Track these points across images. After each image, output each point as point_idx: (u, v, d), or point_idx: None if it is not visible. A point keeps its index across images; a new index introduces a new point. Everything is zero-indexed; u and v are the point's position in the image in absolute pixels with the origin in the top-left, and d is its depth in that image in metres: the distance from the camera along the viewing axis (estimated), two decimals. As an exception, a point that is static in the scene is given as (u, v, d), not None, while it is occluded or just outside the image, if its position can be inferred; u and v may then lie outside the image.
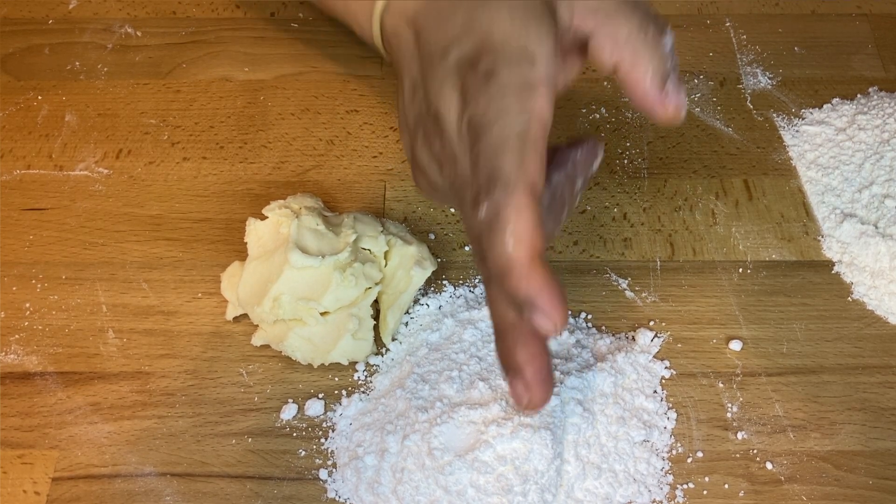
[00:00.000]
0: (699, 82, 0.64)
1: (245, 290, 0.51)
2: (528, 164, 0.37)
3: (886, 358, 0.52)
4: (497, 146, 0.37)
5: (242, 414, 0.50)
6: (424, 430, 0.46)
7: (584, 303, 0.54)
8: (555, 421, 0.46)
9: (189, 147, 0.61)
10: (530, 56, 0.38)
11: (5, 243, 0.56)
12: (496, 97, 0.37)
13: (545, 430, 0.45)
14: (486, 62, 0.38)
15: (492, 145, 0.37)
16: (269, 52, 0.66)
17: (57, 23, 0.68)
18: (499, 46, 0.38)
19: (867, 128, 0.59)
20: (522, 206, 0.36)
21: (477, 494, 0.44)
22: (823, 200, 0.58)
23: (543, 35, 0.39)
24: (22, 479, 0.48)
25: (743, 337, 0.52)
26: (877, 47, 0.66)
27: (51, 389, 0.51)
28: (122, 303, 0.54)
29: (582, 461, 0.46)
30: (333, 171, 0.60)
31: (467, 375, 0.48)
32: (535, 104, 0.38)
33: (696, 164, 0.60)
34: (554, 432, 0.45)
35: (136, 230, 0.57)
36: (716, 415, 0.50)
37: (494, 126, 0.37)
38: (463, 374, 0.48)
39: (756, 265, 0.55)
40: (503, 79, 0.38)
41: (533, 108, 0.38)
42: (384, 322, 0.51)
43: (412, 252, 0.52)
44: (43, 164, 0.60)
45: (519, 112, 0.37)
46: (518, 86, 0.38)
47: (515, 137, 0.37)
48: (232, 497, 0.47)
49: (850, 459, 0.48)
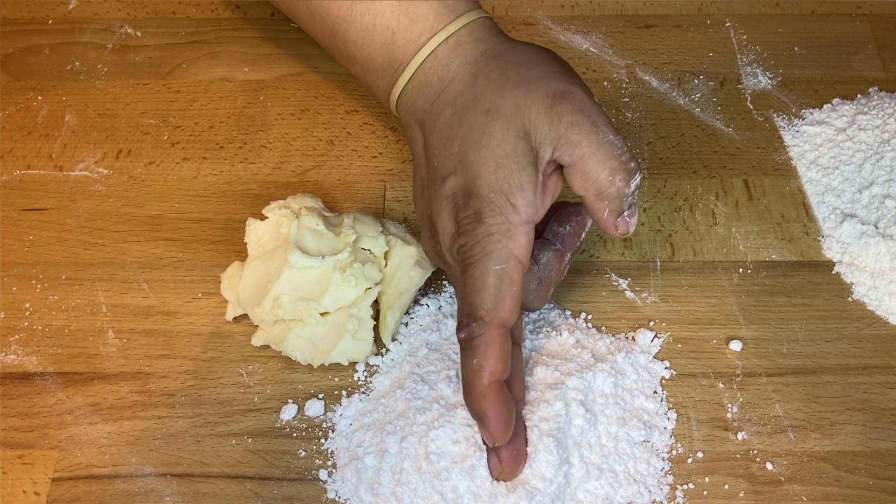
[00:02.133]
0: (699, 82, 0.64)
1: (245, 291, 0.51)
2: (501, 305, 0.43)
3: (886, 358, 0.52)
4: (478, 286, 0.43)
5: (242, 414, 0.50)
6: (422, 433, 0.46)
7: (584, 303, 0.54)
8: (559, 425, 0.46)
9: (189, 147, 0.61)
10: (513, 204, 0.44)
11: (5, 243, 0.56)
12: (481, 240, 0.44)
13: (548, 437, 0.45)
14: (475, 205, 0.44)
15: (474, 283, 0.44)
16: (269, 52, 0.66)
17: (57, 23, 0.67)
18: (484, 195, 0.44)
19: (867, 128, 0.59)
20: (492, 340, 0.43)
21: (475, 502, 0.44)
22: (824, 200, 0.58)
23: (525, 183, 0.44)
24: (22, 480, 0.48)
25: (743, 337, 0.52)
26: (877, 47, 0.66)
27: (51, 390, 0.51)
28: (122, 303, 0.54)
29: (585, 463, 0.46)
30: (333, 171, 0.60)
31: None
32: (514, 246, 0.44)
33: (697, 165, 0.60)
34: (558, 438, 0.45)
35: (136, 230, 0.57)
36: (716, 415, 0.50)
37: (478, 266, 0.44)
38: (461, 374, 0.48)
39: (756, 265, 0.55)
40: (488, 224, 0.44)
41: (512, 249, 0.44)
42: (384, 322, 0.51)
43: (412, 252, 0.52)
44: (43, 164, 0.60)
45: (499, 254, 0.43)
46: (500, 232, 0.44)
47: (494, 277, 0.43)
48: (232, 497, 0.47)
49: (850, 460, 0.48)
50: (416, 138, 0.49)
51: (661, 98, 0.63)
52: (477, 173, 0.44)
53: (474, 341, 0.43)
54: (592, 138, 0.44)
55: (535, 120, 0.45)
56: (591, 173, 0.45)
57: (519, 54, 0.47)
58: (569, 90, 0.45)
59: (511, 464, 0.45)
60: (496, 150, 0.44)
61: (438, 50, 0.48)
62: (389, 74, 0.50)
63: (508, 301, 0.43)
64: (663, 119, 0.62)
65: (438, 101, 0.48)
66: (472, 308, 0.43)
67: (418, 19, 0.49)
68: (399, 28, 0.49)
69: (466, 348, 0.44)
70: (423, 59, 0.48)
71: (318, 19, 0.53)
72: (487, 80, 0.46)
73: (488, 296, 0.43)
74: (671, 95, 0.63)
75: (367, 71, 0.52)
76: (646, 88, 0.64)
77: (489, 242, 0.44)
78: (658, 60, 0.65)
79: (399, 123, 0.62)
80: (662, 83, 0.64)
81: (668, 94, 0.63)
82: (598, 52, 0.65)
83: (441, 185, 0.46)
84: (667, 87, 0.64)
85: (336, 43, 0.53)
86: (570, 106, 0.45)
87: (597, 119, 0.45)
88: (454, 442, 0.45)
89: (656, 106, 0.63)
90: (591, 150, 0.44)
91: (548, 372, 0.48)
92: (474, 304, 0.43)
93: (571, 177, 0.45)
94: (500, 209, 0.44)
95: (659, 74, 0.64)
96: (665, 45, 0.66)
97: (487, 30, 0.49)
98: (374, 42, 0.50)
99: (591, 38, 0.66)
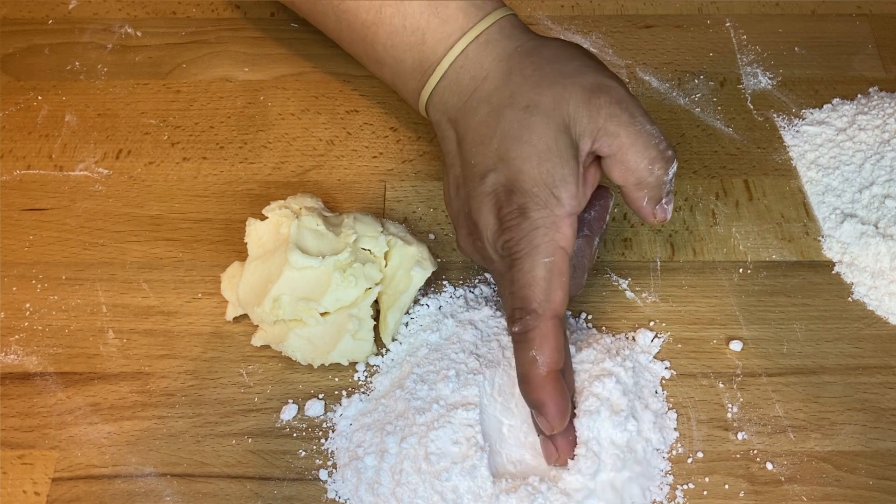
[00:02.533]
0: (699, 82, 0.64)
1: (245, 291, 0.51)
2: (553, 297, 0.45)
3: (886, 358, 0.52)
4: (528, 280, 0.45)
5: (242, 414, 0.50)
6: (422, 434, 0.46)
7: (585, 303, 0.54)
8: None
9: (189, 147, 0.61)
10: (557, 197, 0.45)
11: (5, 243, 0.56)
12: (528, 234, 0.45)
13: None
14: (518, 200, 0.45)
15: (524, 277, 0.45)
16: (269, 52, 0.66)
17: (57, 23, 0.67)
18: (528, 189, 0.45)
19: (867, 128, 0.59)
20: (547, 331, 0.44)
21: (475, 500, 0.44)
22: (824, 201, 0.58)
23: (568, 176, 0.45)
24: (22, 480, 0.48)
25: (743, 337, 0.52)
26: (877, 47, 0.66)
27: (51, 390, 0.51)
28: (122, 303, 0.54)
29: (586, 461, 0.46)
30: (333, 171, 0.60)
31: (464, 374, 0.48)
32: (560, 238, 0.45)
33: (697, 165, 0.60)
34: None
35: (136, 230, 0.57)
36: (716, 415, 0.50)
37: (526, 260, 0.45)
38: (460, 373, 0.48)
39: (756, 265, 0.55)
40: (533, 219, 0.45)
41: (559, 241, 0.45)
42: (384, 322, 0.51)
43: (412, 252, 0.52)
44: (43, 164, 0.60)
45: (546, 247, 0.45)
46: (546, 225, 0.45)
47: (543, 270, 0.44)
48: (232, 497, 0.47)
49: (850, 460, 0.48)
50: (448, 137, 0.50)
51: (661, 98, 0.63)
52: (519, 169, 0.45)
53: (529, 334, 0.44)
54: (630, 129, 0.46)
55: (573, 113, 0.46)
56: (630, 163, 0.46)
57: (551, 50, 0.48)
58: (605, 83, 0.46)
59: (566, 450, 0.46)
60: (538, 145, 0.45)
61: (469, 48, 0.49)
62: (420, 75, 0.51)
63: (559, 292, 0.45)
64: (663, 119, 0.62)
65: (472, 99, 0.48)
66: (525, 301, 0.45)
67: (448, 19, 0.49)
68: (429, 28, 0.50)
69: (521, 341, 0.45)
70: (455, 58, 0.49)
71: (345, 24, 0.53)
72: (523, 77, 0.47)
73: (540, 289, 0.44)
74: (671, 95, 0.63)
75: (396, 73, 0.52)
76: (646, 88, 0.64)
77: (536, 236, 0.45)
78: (658, 60, 0.65)
79: (401, 123, 0.62)
80: (662, 83, 0.64)
81: (668, 94, 0.63)
82: (598, 52, 0.65)
83: (480, 182, 0.47)
84: (667, 87, 0.64)
85: (364, 47, 0.53)
86: (608, 98, 0.46)
87: (634, 110, 0.46)
88: (454, 442, 0.45)
89: (656, 106, 0.63)
90: (630, 141, 0.46)
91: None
92: (526, 298, 0.45)
93: (611, 167, 0.47)
94: (545, 203, 0.45)
95: (659, 74, 0.64)
96: (665, 45, 0.66)
97: (515, 27, 0.50)
98: (404, 44, 0.51)
99: (591, 38, 0.66)
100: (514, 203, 0.45)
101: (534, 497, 0.44)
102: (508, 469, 0.47)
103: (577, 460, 0.45)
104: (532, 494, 0.44)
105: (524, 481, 0.45)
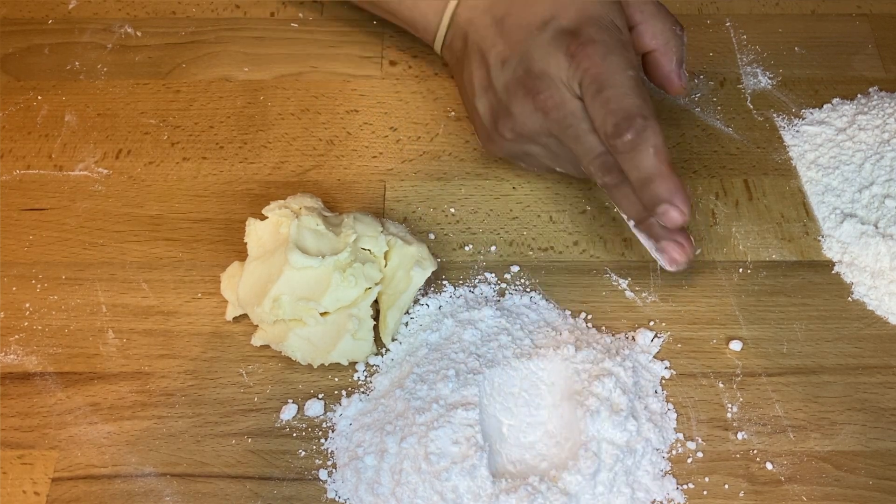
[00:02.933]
0: (699, 82, 0.64)
1: (245, 291, 0.51)
2: (648, 101, 0.50)
3: (886, 358, 0.52)
4: (624, 92, 0.49)
5: (242, 414, 0.50)
6: (422, 434, 0.46)
7: (585, 303, 0.54)
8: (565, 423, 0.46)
9: (189, 147, 0.61)
10: (618, 26, 0.52)
11: (5, 243, 0.56)
12: (606, 56, 0.50)
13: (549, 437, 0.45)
14: (588, 32, 0.51)
15: (619, 92, 0.49)
16: (269, 52, 0.66)
17: (57, 23, 0.67)
18: (597, 19, 0.51)
19: (867, 128, 0.59)
20: (658, 129, 0.49)
21: (475, 500, 0.44)
22: (823, 200, 0.58)
23: (619, 14, 0.53)
24: (22, 480, 0.48)
25: (743, 337, 0.52)
26: (877, 47, 0.66)
27: (50, 390, 0.51)
28: (121, 303, 0.54)
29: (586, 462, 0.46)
30: (333, 171, 0.60)
31: (463, 374, 0.48)
32: (632, 56, 0.51)
33: (696, 164, 0.60)
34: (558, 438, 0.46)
35: (136, 230, 0.57)
36: (716, 415, 0.50)
37: (615, 76, 0.49)
38: (459, 373, 0.48)
39: (756, 265, 0.55)
40: (606, 42, 0.50)
41: (632, 59, 0.51)
42: (384, 322, 0.51)
43: (412, 252, 0.52)
44: (43, 164, 0.60)
45: (627, 64, 0.50)
46: (619, 46, 0.51)
47: (633, 83, 0.50)
48: (232, 497, 0.47)
49: (850, 460, 0.48)
50: (482, 24, 0.54)
51: (661, 98, 0.63)
52: (581, 10, 0.51)
53: (646, 132, 0.48)
54: (654, 5, 0.55)
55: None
56: (658, 26, 0.55)
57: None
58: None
59: (689, 246, 0.51)
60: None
61: None
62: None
63: (648, 98, 0.50)
64: (663, 119, 0.62)
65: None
66: (628, 110, 0.49)
67: None
68: None
69: (638, 144, 0.48)
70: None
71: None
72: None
73: (638, 95, 0.49)
74: (671, 95, 0.63)
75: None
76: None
77: (613, 55, 0.50)
78: (658, 60, 0.65)
79: (401, 123, 0.62)
80: (662, 83, 0.64)
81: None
82: (598, 51, 0.65)
83: (540, 32, 0.52)
84: (667, 87, 0.64)
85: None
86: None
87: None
88: (454, 442, 0.45)
89: (656, 106, 0.62)
90: (655, 10, 0.55)
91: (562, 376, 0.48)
92: (629, 107, 0.49)
93: (641, 35, 0.55)
94: (611, 28, 0.51)
95: (659, 74, 0.64)
96: (665, 45, 0.66)
97: None
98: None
99: (591, 38, 0.66)
100: (583, 36, 0.50)
101: (534, 497, 0.44)
102: (508, 469, 0.47)
103: (577, 460, 0.45)
104: (532, 494, 0.44)
105: (524, 481, 0.45)
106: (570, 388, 0.48)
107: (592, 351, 0.50)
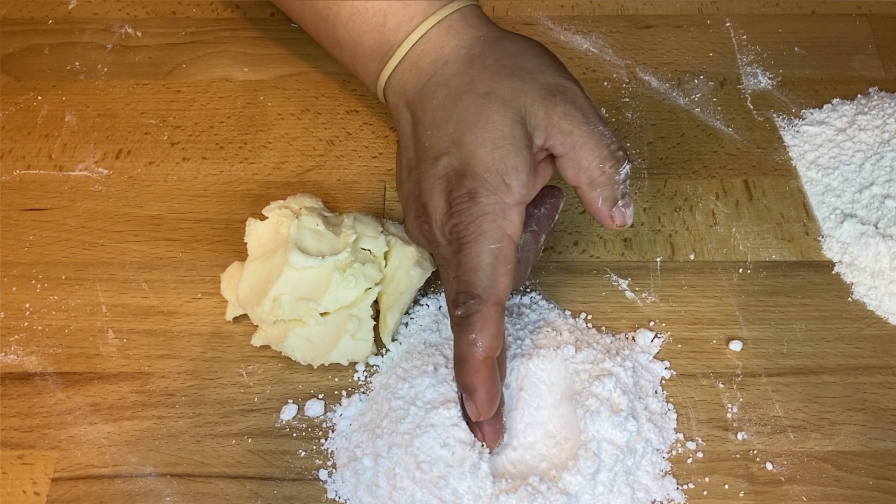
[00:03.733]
0: (699, 82, 0.64)
1: (245, 291, 0.51)
2: (497, 283, 0.45)
3: (886, 358, 0.52)
4: (474, 265, 0.45)
5: (242, 414, 0.50)
6: (406, 444, 0.45)
7: (585, 303, 0.54)
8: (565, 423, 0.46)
9: (189, 147, 0.61)
10: (507, 184, 0.45)
11: (5, 243, 0.56)
12: (476, 219, 0.45)
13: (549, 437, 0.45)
14: (470, 185, 0.45)
15: (470, 262, 0.45)
16: (269, 52, 0.66)
17: (57, 23, 0.67)
18: (480, 174, 0.45)
19: (867, 128, 0.59)
20: (489, 316, 0.44)
21: (475, 501, 0.44)
22: (823, 201, 0.58)
23: (520, 165, 0.46)
24: (22, 480, 0.48)
25: (743, 337, 0.52)
26: (877, 47, 0.66)
27: (50, 390, 0.51)
28: (121, 303, 0.54)
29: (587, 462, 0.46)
30: (333, 171, 0.60)
31: (441, 369, 0.48)
32: (507, 225, 0.45)
33: (697, 165, 0.60)
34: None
35: (136, 230, 0.57)
36: (716, 415, 0.50)
37: (473, 245, 0.45)
38: (438, 367, 0.48)
39: (756, 265, 0.55)
40: (483, 204, 0.45)
41: (506, 229, 0.45)
42: (384, 322, 0.51)
43: (412, 252, 0.52)
44: (43, 164, 0.60)
45: (494, 233, 0.45)
46: (495, 212, 0.45)
47: (490, 256, 0.45)
48: (232, 497, 0.47)
49: (850, 460, 0.48)
50: (404, 119, 0.50)
51: (661, 98, 0.63)
52: (473, 153, 0.46)
53: (472, 318, 0.44)
54: (583, 129, 0.46)
55: (530, 107, 0.46)
56: (582, 162, 0.46)
57: (514, 45, 0.49)
58: (563, 84, 0.47)
59: (493, 438, 0.46)
60: (493, 132, 0.46)
61: (431, 33, 0.49)
62: (379, 57, 0.51)
63: (504, 279, 0.45)
64: (663, 119, 0.62)
65: (431, 82, 0.48)
66: (469, 286, 0.45)
67: (410, 2, 0.50)
68: (391, 11, 0.50)
69: (463, 325, 0.45)
70: (416, 41, 0.49)
71: (307, 4, 0.54)
72: (483, 66, 0.48)
73: (485, 274, 0.45)
74: (671, 95, 0.63)
75: (356, 55, 0.52)
76: (646, 88, 0.64)
77: (484, 222, 0.45)
78: (658, 60, 0.65)
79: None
80: (662, 83, 0.64)
81: (668, 94, 0.63)
82: (598, 52, 0.65)
83: (433, 164, 0.47)
84: (667, 87, 0.64)
85: (326, 28, 0.53)
86: (564, 98, 0.46)
87: (588, 112, 0.47)
88: (442, 445, 0.45)
89: (656, 106, 0.63)
90: (582, 140, 0.46)
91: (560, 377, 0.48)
92: (471, 282, 0.45)
93: (564, 166, 0.47)
94: (495, 189, 0.45)
95: (659, 74, 0.64)
96: (665, 45, 0.66)
97: (478, 17, 0.50)
98: (365, 24, 0.51)
99: (591, 38, 0.66)
100: (464, 187, 0.45)
101: (534, 497, 0.44)
102: (508, 469, 0.47)
103: (577, 460, 0.45)
104: (532, 494, 0.44)
105: (524, 481, 0.45)
106: (570, 389, 0.48)
107: (592, 351, 0.50)
